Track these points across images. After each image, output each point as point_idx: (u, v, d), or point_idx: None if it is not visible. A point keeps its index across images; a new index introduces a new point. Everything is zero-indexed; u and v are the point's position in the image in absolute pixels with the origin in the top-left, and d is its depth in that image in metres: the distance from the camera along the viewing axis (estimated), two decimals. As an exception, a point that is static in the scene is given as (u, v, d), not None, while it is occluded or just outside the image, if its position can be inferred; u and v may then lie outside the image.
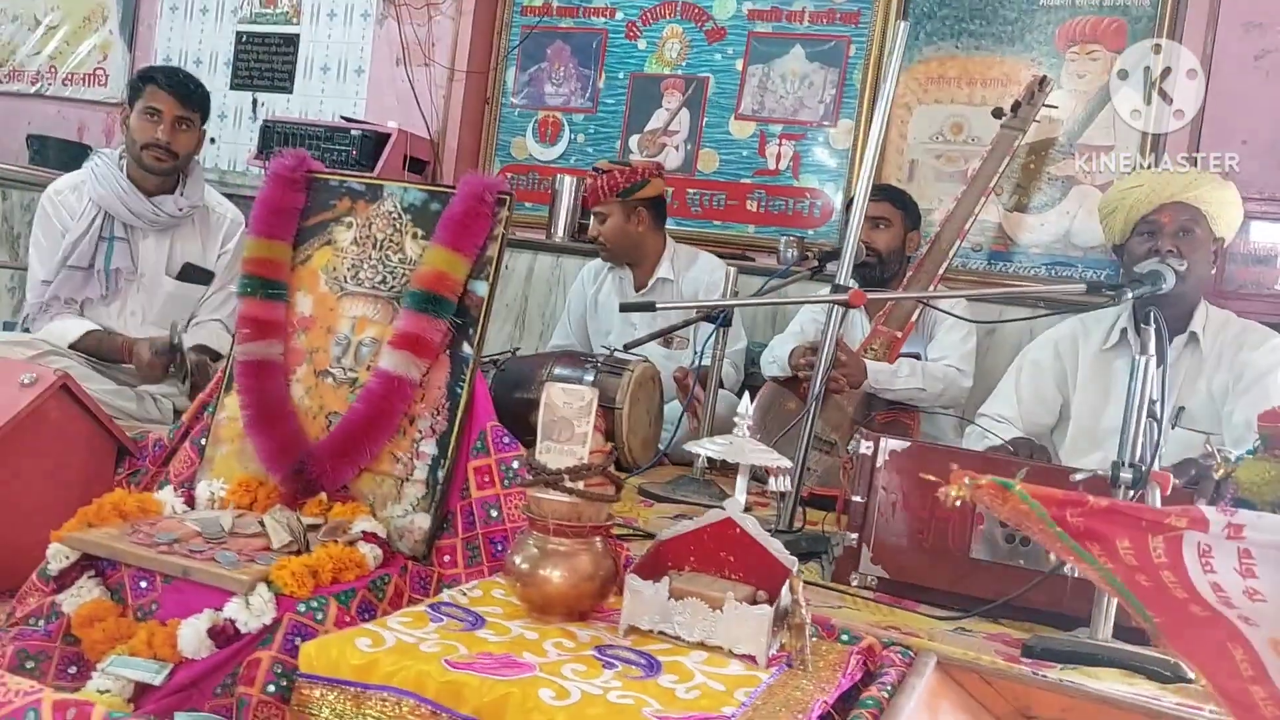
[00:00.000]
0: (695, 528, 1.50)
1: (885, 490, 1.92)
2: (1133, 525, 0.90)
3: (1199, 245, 2.49)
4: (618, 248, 3.53)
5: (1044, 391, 2.74)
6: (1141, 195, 2.54)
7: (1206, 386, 2.54)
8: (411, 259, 1.81)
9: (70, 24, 5.45)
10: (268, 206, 1.88)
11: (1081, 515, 0.91)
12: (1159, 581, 0.90)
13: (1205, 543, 0.88)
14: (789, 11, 4.13)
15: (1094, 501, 0.92)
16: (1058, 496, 0.93)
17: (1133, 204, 2.56)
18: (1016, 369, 2.81)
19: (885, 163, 3.95)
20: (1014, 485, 0.92)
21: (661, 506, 2.55)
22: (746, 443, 1.46)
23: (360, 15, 4.82)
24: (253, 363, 1.83)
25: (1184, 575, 0.90)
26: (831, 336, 2.40)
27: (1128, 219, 2.58)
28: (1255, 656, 0.90)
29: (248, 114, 5.03)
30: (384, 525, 1.69)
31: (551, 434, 1.43)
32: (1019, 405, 2.73)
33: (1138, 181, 2.61)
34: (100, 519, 1.63)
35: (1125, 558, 0.90)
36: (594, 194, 3.50)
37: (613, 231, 3.50)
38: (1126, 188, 2.62)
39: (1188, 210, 2.49)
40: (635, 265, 3.61)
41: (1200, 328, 2.56)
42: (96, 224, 2.82)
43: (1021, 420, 2.71)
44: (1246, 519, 0.87)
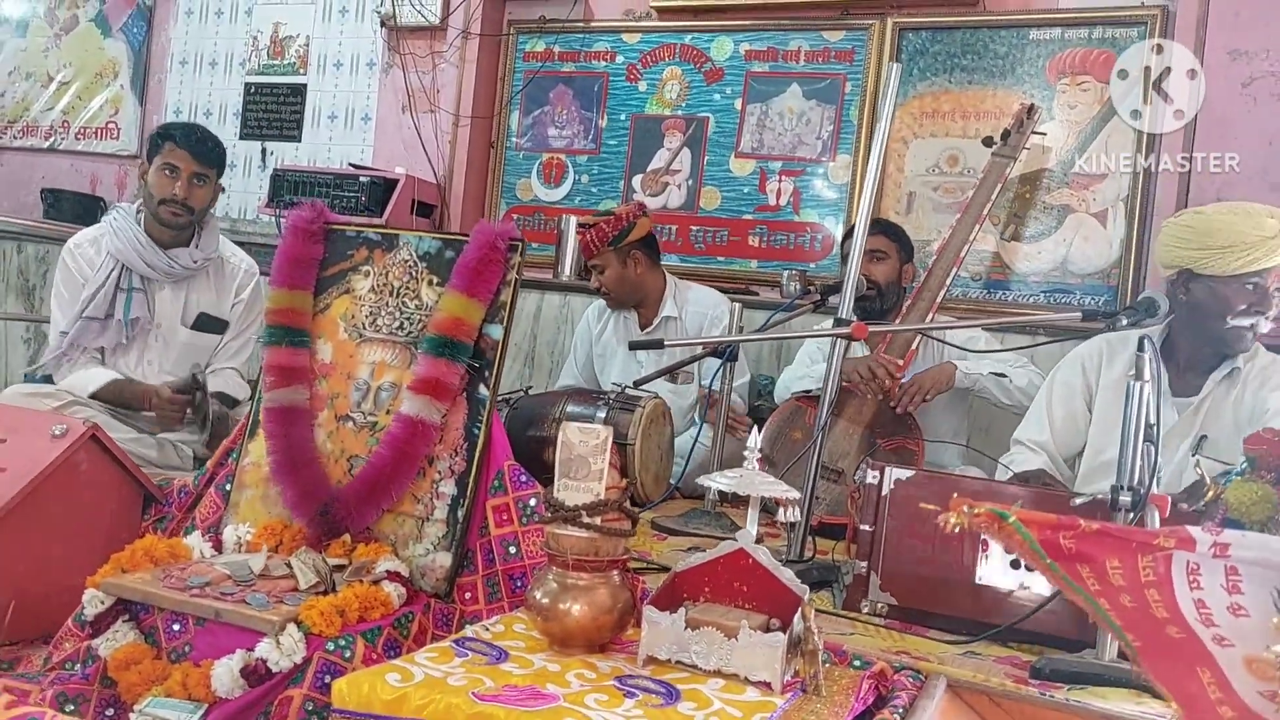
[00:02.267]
0: (709, 559, 1.55)
1: (892, 519, 1.97)
2: (1123, 546, 0.96)
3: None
4: (622, 294, 3.61)
5: (1075, 409, 2.74)
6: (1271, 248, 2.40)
7: (1230, 418, 2.55)
8: (427, 305, 1.88)
9: (82, 80, 5.56)
10: (288, 258, 1.95)
11: (1074, 538, 0.96)
12: (1143, 601, 0.95)
13: (1194, 561, 0.94)
14: (785, 51, 4.22)
15: (1085, 525, 0.97)
16: (1051, 521, 0.98)
17: (1260, 255, 2.40)
18: (1047, 390, 2.81)
19: (884, 196, 4.02)
20: (1009, 516, 0.98)
21: (675, 540, 2.60)
22: (756, 475, 1.52)
23: (366, 64, 4.92)
24: (279, 409, 1.89)
25: (1169, 594, 0.95)
26: (836, 369, 2.46)
27: (1245, 265, 2.41)
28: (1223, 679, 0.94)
29: (257, 163, 5.12)
30: (406, 564, 1.75)
31: (568, 471, 1.49)
32: (1051, 428, 2.73)
33: (1269, 232, 2.40)
34: (133, 565, 1.68)
35: (1114, 578, 0.95)
36: (588, 249, 3.58)
37: (613, 280, 3.57)
38: (1260, 235, 2.41)
39: None
40: (640, 306, 3.68)
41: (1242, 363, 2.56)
42: (114, 276, 2.89)
43: (1055, 443, 2.72)
44: (1232, 538, 0.92)
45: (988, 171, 3.51)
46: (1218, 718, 0.96)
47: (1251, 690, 0.98)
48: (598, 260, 3.57)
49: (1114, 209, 3.69)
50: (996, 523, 0.98)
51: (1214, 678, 0.95)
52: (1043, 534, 0.97)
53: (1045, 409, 2.75)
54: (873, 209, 3.91)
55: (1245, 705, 0.97)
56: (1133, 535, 0.98)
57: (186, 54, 5.34)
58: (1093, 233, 3.72)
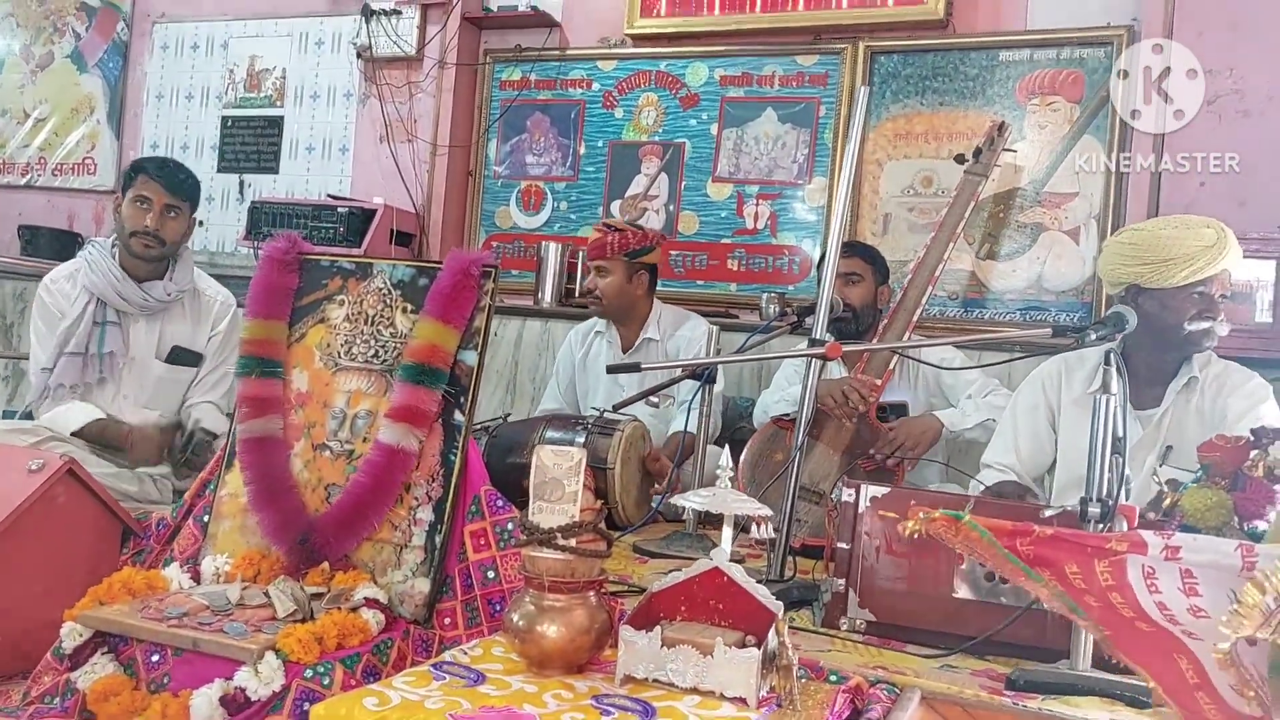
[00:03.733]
0: (685, 578, 1.56)
1: (869, 536, 1.99)
2: (1078, 551, 0.97)
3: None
4: (613, 304, 3.60)
5: (1039, 431, 2.79)
6: (1211, 257, 2.46)
7: (1195, 426, 2.59)
8: (402, 333, 1.89)
9: (58, 116, 5.58)
10: (262, 288, 1.96)
11: (1031, 544, 0.98)
12: (1107, 602, 0.97)
13: (1149, 565, 0.95)
14: (759, 76, 4.27)
15: (1039, 531, 0.99)
16: (1006, 528, 1.00)
17: (1202, 265, 2.46)
18: (1011, 412, 2.86)
19: (860, 217, 4.07)
20: (964, 516, 0.99)
21: (655, 563, 2.60)
22: (729, 494, 1.53)
23: (343, 95, 4.95)
24: (254, 440, 1.90)
25: (1130, 596, 0.96)
26: (811, 388, 2.47)
27: (1189, 275, 2.46)
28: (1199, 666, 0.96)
29: (235, 196, 5.13)
30: (385, 591, 1.75)
31: (543, 494, 1.50)
32: (1018, 449, 2.77)
33: (1209, 240, 2.48)
34: (111, 597, 1.68)
35: (1074, 581, 0.97)
36: (600, 248, 3.56)
37: (612, 288, 3.57)
38: (1199, 245, 2.47)
39: (1230, 277, 2.51)
40: (623, 324, 3.69)
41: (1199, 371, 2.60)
42: (90, 310, 2.89)
43: (1023, 464, 2.75)
44: (1182, 541, 0.94)
45: (960, 189, 3.55)
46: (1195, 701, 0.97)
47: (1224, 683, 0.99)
48: (606, 263, 3.57)
49: (1086, 226, 3.74)
50: (953, 525, 1.00)
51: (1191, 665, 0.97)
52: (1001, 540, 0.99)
53: (1011, 430, 2.79)
54: (848, 231, 4.01)
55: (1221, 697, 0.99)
56: (1086, 540, 1.00)
57: (163, 88, 5.37)
58: (1066, 250, 3.77)
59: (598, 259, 3.57)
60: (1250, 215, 3.36)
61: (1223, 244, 2.48)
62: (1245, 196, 3.40)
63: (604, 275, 3.57)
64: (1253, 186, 3.39)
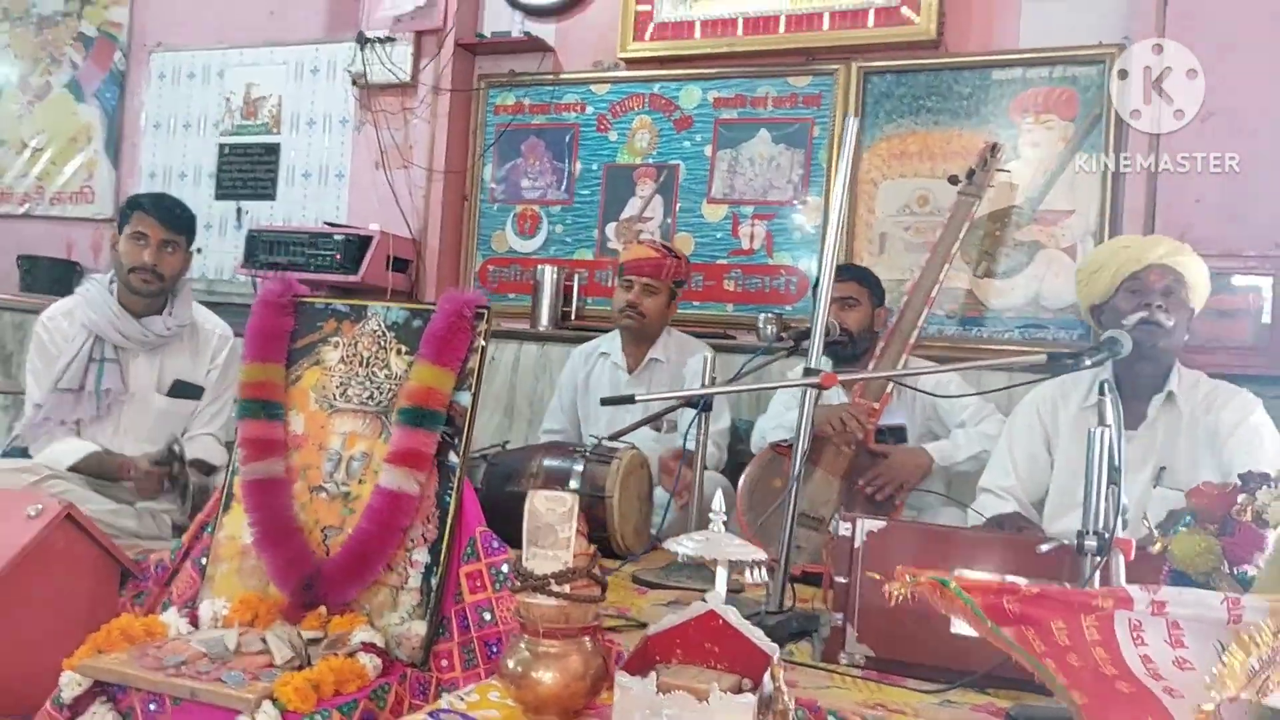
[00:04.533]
0: (680, 621, 1.56)
1: (865, 570, 1.99)
2: (1064, 608, 0.98)
3: (1180, 307, 2.58)
4: (651, 324, 3.66)
5: (1036, 453, 2.80)
6: (1131, 255, 2.61)
7: (1187, 445, 2.62)
8: (397, 374, 1.90)
9: (56, 145, 5.60)
10: (259, 331, 1.97)
11: (1017, 601, 0.99)
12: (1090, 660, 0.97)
13: (1135, 619, 0.96)
14: (753, 97, 4.28)
15: (1026, 589, 1.00)
16: (993, 586, 1.00)
17: (1123, 263, 2.61)
18: (1007, 436, 2.88)
19: (855, 237, 4.08)
20: (950, 582, 1.00)
21: (655, 594, 2.60)
22: (722, 537, 1.53)
23: (339, 122, 4.96)
24: (257, 482, 1.90)
25: (1116, 651, 0.97)
26: (807, 418, 2.47)
27: (1115, 276, 2.63)
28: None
29: (233, 223, 5.15)
30: (382, 634, 1.75)
31: (536, 540, 1.50)
32: (1015, 472, 2.79)
33: (1126, 243, 2.70)
34: (109, 645, 1.68)
35: (1059, 638, 0.97)
36: (657, 269, 3.60)
37: (656, 308, 3.63)
38: (1117, 247, 2.69)
39: (1172, 273, 2.58)
40: (636, 344, 3.71)
41: (1176, 386, 2.64)
42: (87, 347, 2.90)
43: (1021, 487, 2.77)
44: (1168, 596, 0.95)
45: (954, 211, 3.55)
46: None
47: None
48: (658, 284, 3.62)
49: (1082, 244, 3.75)
50: (939, 590, 1.00)
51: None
52: (986, 599, 0.99)
53: (1007, 454, 2.80)
54: (845, 252, 4.02)
55: None
56: (1072, 597, 1.00)
57: (160, 117, 5.38)
58: (1063, 268, 3.77)
59: (651, 277, 3.60)
60: (1246, 232, 3.37)
61: (1150, 242, 2.64)
62: (1241, 213, 3.40)
63: (652, 294, 3.61)
64: (1248, 204, 3.39)
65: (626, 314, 3.63)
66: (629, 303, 3.62)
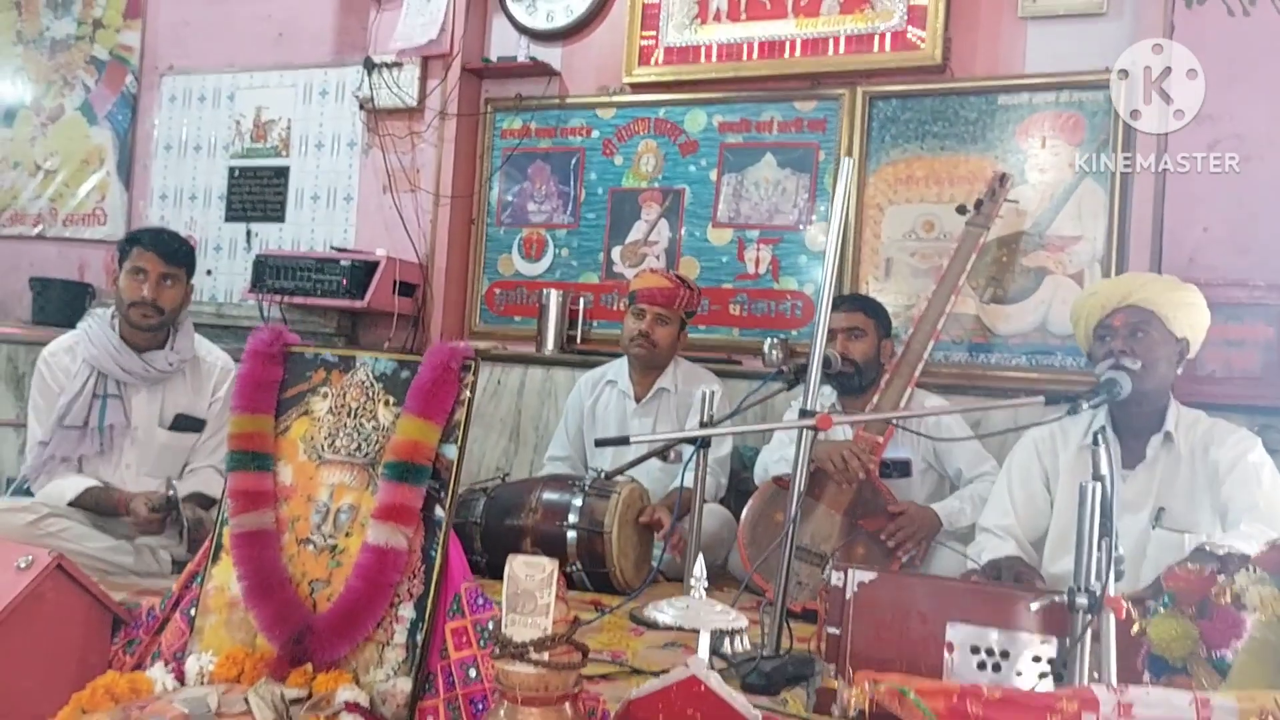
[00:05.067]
0: (661, 686, 1.54)
1: (857, 622, 1.97)
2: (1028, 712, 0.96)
3: (1154, 345, 2.56)
4: (662, 353, 3.68)
5: (1034, 492, 2.80)
6: (1096, 302, 2.65)
7: (1186, 485, 2.60)
8: (384, 426, 1.89)
9: (69, 168, 5.63)
10: (248, 382, 1.96)
11: (981, 705, 0.97)
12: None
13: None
14: (758, 122, 4.27)
15: (989, 692, 0.98)
16: (955, 689, 0.99)
17: (1090, 311, 2.67)
18: (1006, 475, 2.86)
19: (861, 262, 4.06)
20: (909, 691, 0.98)
21: (652, 635, 2.59)
22: (703, 605, 1.52)
23: (347, 145, 4.98)
24: (247, 534, 1.89)
25: (1084, 756, 0.95)
26: (804, 460, 2.45)
27: (1087, 326, 2.69)
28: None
29: (243, 246, 5.17)
30: (367, 691, 1.74)
31: (515, 606, 1.49)
32: (1015, 512, 2.78)
33: (1092, 290, 2.75)
34: (93, 704, 1.68)
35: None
36: (671, 299, 3.62)
37: (668, 338, 3.64)
38: (1085, 296, 2.75)
39: (1139, 313, 2.58)
40: (644, 371, 3.70)
41: (1174, 426, 2.62)
42: (90, 383, 2.91)
43: (1021, 526, 2.76)
44: (1135, 697, 0.93)
45: (962, 241, 3.54)
46: None
47: None
48: (670, 314, 3.64)
49: (1089, 270, 3.71)
50: (898, 699, 0.99)
51: None
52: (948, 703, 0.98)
53: (1007, 493, 2.78)
54: (851, 277, 4.00)
55: None
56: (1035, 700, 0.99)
57: (171, 139, 5.41)
58: (1070, 294, 3.73)
59: (665, 307, 3.61)
60: (1254, 261, 3.34)
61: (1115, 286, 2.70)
62: (1249, 242, 3.37)
63: (664, 324, 3.62)
64: (1256, 232, 3.36)
65: (638, 343, 3.62)
66: (641, 331, 3.61)
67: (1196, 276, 3.20)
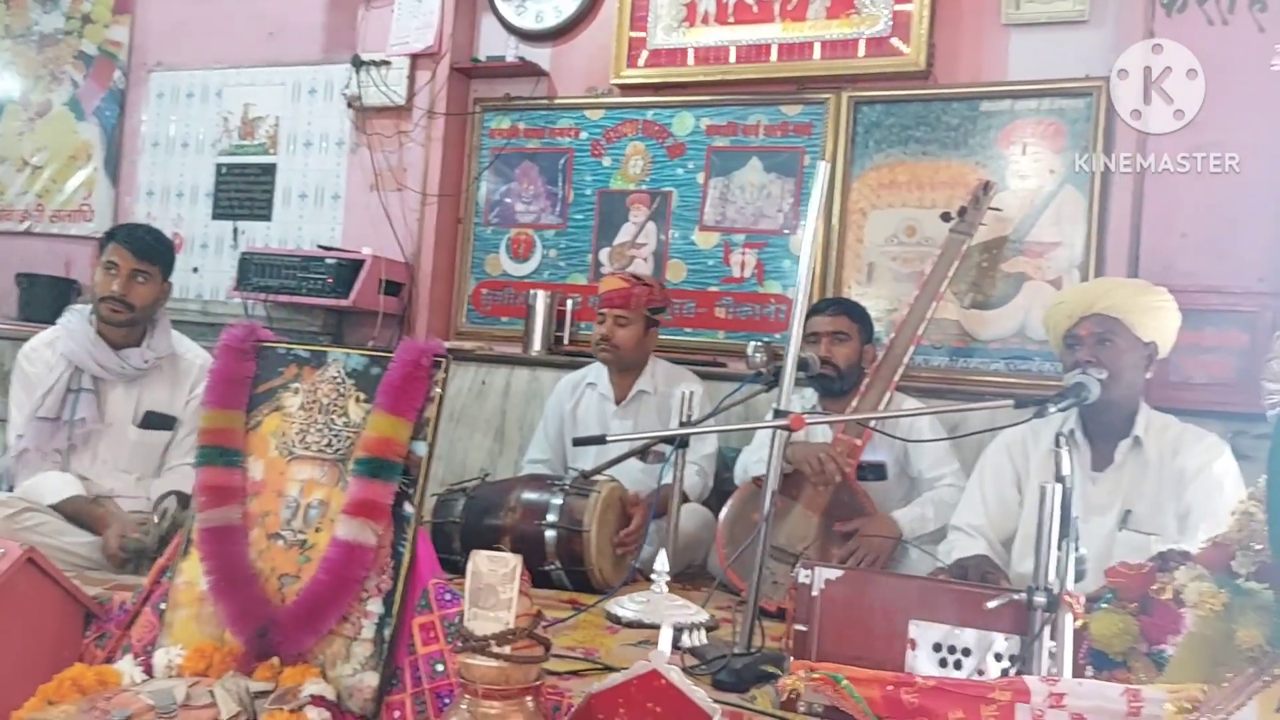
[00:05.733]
0: (622, 680, 1.56)
1: (824, 619, 1.99)
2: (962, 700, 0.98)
3: (1121, 353, 2.59)
4: (627, 355, 3.65)
5: (1005, 493, 2.82)
6: (1063, 311, 2.68)
7: (1153, 489, 2.62)
8: (355, 422, 1.90)
9: (56, 163, 5.63)
10: (221, 377, 1.98)
11: (915, 693, 0.99)
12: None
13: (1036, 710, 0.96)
14: (745, 126, 4.28)
15: (922, 681, 1.00)
16: (889, 678, 1.00)
17: (1057, 320, 2.69)
18: (978, 475, 2.89)
19: (844, 266, 4.07)
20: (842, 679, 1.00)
21: (627, 632, 2.59)
22: (663, 599, 1.53)
23: (335, 144, 4.99)
24: (213, 529, 1.91)
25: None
26: (776, 459, 2.47)
27: (1056, 335, 2.72)
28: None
29: (230, 243, 5.17)
30: (334, 685, 1.76)
31: (477, 600, 1.50)
32: (986, 512, 2.80)
33: (1060, 299, 2.77)
34: (60, 696, 1.69)
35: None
36: (626, 299, 3.60)
37: (630, 338, 3.62)
38: (1054, 305, 2.77)
39: (1105, 321, 2.60)
40: (621, 374, 3.71)
41: (1143, 431, 2.65)
42: (65, 377, 2.92)
43: (992, 526, 2.79)
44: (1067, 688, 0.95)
45: (945, 248, 3.54)
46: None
47: None
48: (629, 314, 3.61)
49: (1068, 276, 3.73)
50: (831, 685, 1.01)
51: None
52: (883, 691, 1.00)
53: (979, 493, 2.81)
54: (834, 281, 4.03)
55: None
56: (968, 689, 1.00)
57: (159, 136, 5.42)
58: (1047, 300, 3.74)
59: (621, 308, 3.60)
60: (1230, 269, 3.36)
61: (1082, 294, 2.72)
62: (1225, 249, 3.39)
63: (624, 325, 3.61)
64: (1232, 240, 3.38)
65: (601, 347, 3.65)
66: (602, 335, 3.64)
67: (1173, 282, 3.21)
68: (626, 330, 3.61)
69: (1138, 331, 2.61)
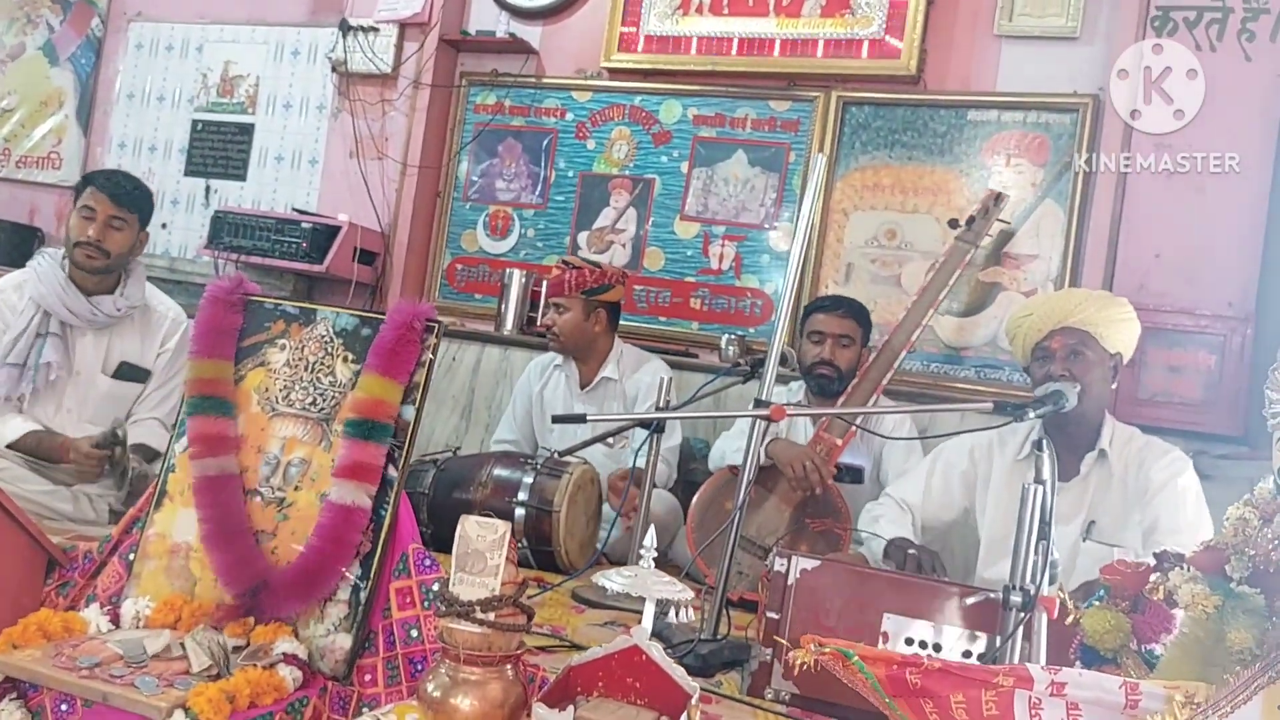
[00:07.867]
0: (603, 654, 1.55)
1: (797, 607, 2.00)
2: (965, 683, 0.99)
3: (1091, 366, 2.62)
4: (570, 342, 3.63)
5: (951, 490, 2.87)
6: (1032, 324, 2.69)
7: (1118, 500, 2.66)
8: (341, 382, 1.88)
9: (27, 107, 5.51)
10: (207, 327, 1.94)
11: (920, 674, 1.00)
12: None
13: (1035, 698, 0.97)
14: (732, 118, 4.29)
15: (928, 663, 1.00)
16: (896, 658, 1.01)
17: (1026, 332, 2.71)
18: (931, 461, 2.94)
19: (823, 266, 4.09)
20: (853, 655, 1.01)
21: (593, 613, 2.60)
22: (650, 575, 1.53)
23: (315, 107, 4.93)
24: (208, 478, 1.86)
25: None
26: (754, 448, 2.48)
27: (1025, 346, 2.73)
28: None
29: (201, 201, 5.09)
30: (306, 645, 1.73)
31: (464, 566, 1.49)
32: (924, 497, 2.87)
33: (1028, 311, 2.76)
34: (25, 640, 1.65)
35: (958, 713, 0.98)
36: (559, 286, 3.60)
37: (569, 325, 3.60)
38: (1020, 316, 2.77)
39: (1075, 334, 2.63)
40: (582, 361, 3.70)
41: (1108, 444, 2.68)
42: (34, 321, 2.86)
43: (922, 511, 2.86)
44: (1068, 678, 0.96)
45: (948, 256, 3.46)
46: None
47: None
48: (564, 300, 3.60)
49: (1043, 288, 3.78)
50: (841, 661, 1.01)
51: None
52: (889, 670, 1.00)
53: (925, 477, 2.86)
54: (812, 280, 4.03)
55: None
56: (973, 673, 1.01)
57: (134, 87, 5.32)
58: (1014, 316, 3.79)
59: (555, 296, 3.60)
60: (1201, 292, 3.41)
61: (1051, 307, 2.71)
62: (1197, 272, 3.44)
63: (561, 312, 3.60)
64: (1204, 263, 3.43)
65: (548, 338, 3.66)
66: (545, 325, 3.66)
67: (1146, 302, 3.27)
68: (566, 317, 3.61)
69: (1106, 344, 2.65)
